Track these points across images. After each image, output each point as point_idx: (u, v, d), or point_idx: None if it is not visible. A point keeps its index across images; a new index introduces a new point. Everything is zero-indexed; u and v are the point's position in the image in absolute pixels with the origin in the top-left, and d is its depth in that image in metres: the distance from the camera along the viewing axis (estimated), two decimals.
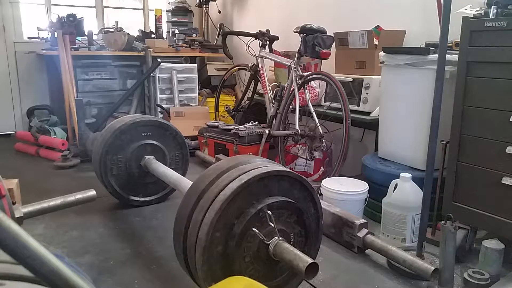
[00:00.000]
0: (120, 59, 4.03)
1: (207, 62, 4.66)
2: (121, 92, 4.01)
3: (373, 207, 2.24)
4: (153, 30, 4.56)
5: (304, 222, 1.34)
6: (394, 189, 1.93)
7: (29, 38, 3.96)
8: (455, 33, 1.83)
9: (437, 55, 1.62)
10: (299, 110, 2.66)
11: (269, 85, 3.22)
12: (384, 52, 2.22)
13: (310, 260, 1.12)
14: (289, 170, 1.35)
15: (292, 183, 1.33)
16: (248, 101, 3.67)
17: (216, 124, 3.34)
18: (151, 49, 4.04)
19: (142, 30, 4.55)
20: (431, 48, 2.02)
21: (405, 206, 1.89)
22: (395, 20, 2.78)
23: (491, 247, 1.59)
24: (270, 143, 3.09)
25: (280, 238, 1.24)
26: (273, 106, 3.09)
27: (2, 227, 0.40)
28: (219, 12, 4.80)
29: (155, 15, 4.47)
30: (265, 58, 3.27)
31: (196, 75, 4.31)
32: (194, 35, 4.55)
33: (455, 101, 1.76)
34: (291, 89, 2.84)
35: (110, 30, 4.18)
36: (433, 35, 2.04)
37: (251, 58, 3.47)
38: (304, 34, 2.70)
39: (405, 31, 2.71)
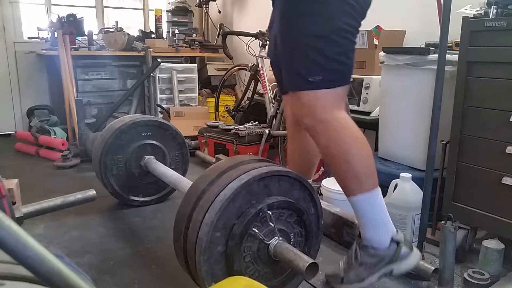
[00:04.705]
0: (120, 59, 4.03)
1: (207, 62, 4.66)
2: (121, 92, 4.01)
3: None
4: (153, 30, 4.56)
5: (304, 222, 1.34)
6: (394, 189, 1.93)
7: (29, 38, 3.96)
8: (455, 33, 1.82)
9: (437, 55, 1.62)
10: None
11: (269, 85, 3.22)
12: (384, 52, 2.22)
13: (310, 260, 1.13)
14: (289, 170, 1.35)
15: (292, 183, 1.33)
16: (248, 101, 3.67)
17: (216, 124, 3.33)
18: (151, 49, 4.04)
19: (142, 30, 4.55)
20: (431, 48, 2.01)
21: (405, 206, 1.88)
22: (395, 20, 2.78)
23: (491, 247, 1.59)
24: (270, 143, 3.09)
25: (280, 238, 1.24)
26: (273, 106, 3.09)
27: (2, 227, 0.40)
28: (219, 12, 4.80)
29: (155, 15, 4.47)
30: (265, 58, 3.27)
31: (196, 75, 4.31)
32: (194, 35, 4.55)
33: (455, 101, 1.76)
34: None
35: (110, 30, 4.17)
36: (433, 35, 2.03)
37: (251, 58, 3.47)
38: None
39: (405, 31, 2.70)
